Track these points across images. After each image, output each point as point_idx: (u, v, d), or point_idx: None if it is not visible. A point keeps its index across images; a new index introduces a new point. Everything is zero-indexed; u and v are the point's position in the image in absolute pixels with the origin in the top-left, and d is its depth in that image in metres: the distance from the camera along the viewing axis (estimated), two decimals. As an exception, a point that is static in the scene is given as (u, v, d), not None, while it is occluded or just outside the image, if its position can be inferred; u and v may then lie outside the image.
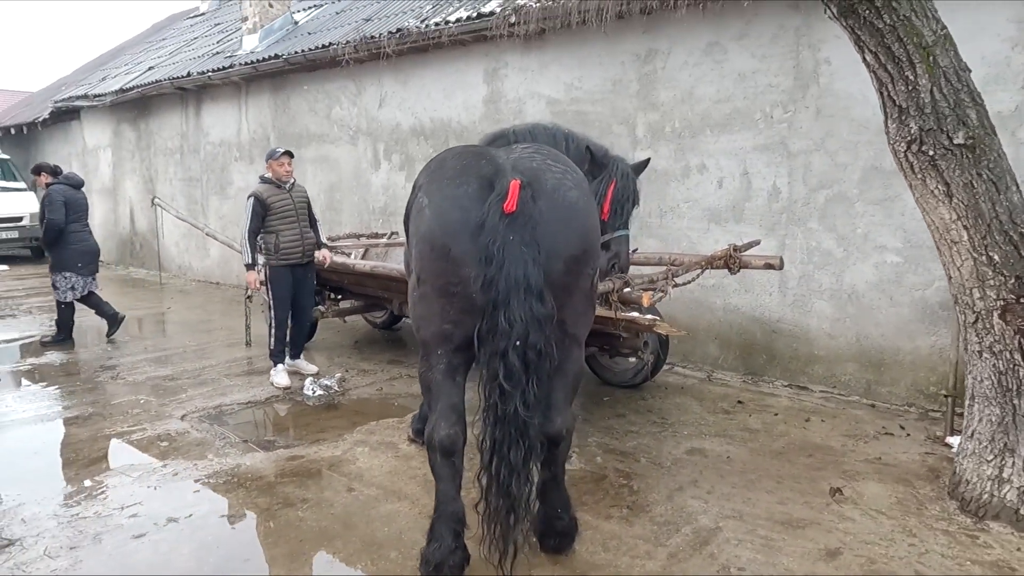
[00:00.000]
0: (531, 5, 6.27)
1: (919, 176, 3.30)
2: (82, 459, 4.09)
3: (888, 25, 3.25)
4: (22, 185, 14.31)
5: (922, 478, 3.82)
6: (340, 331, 7.59)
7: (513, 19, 6.34)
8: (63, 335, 6.99)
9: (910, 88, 3.24)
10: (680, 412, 4.92)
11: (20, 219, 13.65)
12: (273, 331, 5.57)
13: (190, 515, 3.39)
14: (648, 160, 4.39)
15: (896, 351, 5.03)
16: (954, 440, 4.26)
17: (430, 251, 2.56)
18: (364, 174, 8.61)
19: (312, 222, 5.68)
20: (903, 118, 3.29)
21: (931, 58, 3.18)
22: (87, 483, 3.75)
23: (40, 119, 14.40)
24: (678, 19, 5.71)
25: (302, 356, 5.91)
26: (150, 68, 12.42)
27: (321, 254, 5.65)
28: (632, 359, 5.23)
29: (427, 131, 7.82)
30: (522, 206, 2.44)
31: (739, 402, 5.14)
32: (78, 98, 13.16)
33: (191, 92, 10.97)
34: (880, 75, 3.37)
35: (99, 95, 12.50)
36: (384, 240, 7.08)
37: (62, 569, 2.91)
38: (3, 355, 6.57)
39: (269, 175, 5.47)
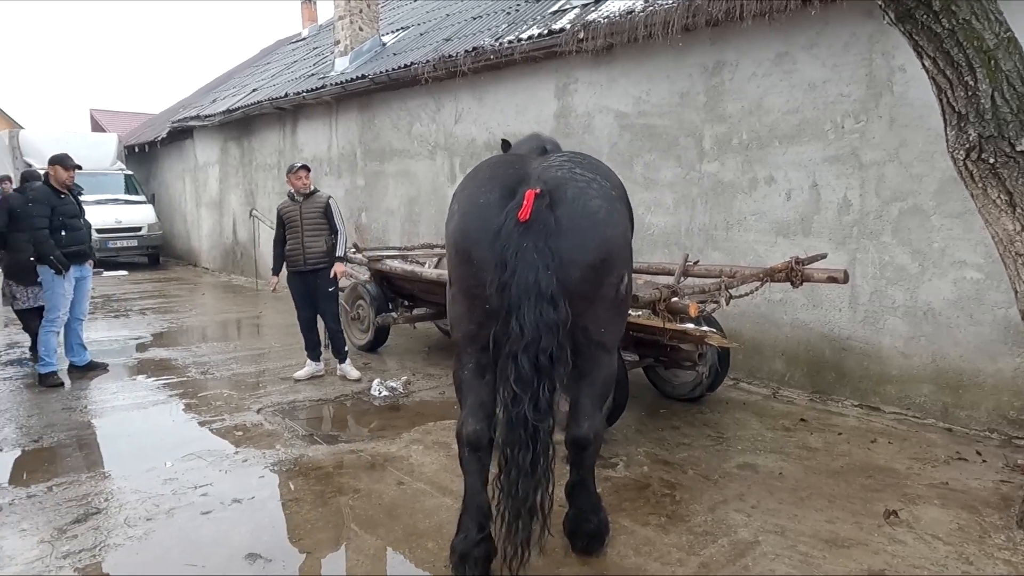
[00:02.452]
0: (599, 21, 6.37)
1: (980, 185, 3.16)
2: (166, 443, 4.49)
3: (947, 29, 3.14)
4: (142, 198, 15.71)
5: (991, 506, 3.60)
6: (413, 337, 7.89)
7: (582, 35, 6.46)
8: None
9: (969, 94, 3.11)
10: (738, 427, 4.83)
11: (139, 229, 15.00)
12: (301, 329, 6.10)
13: (252, 497, 3.67)
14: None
15: (976, 373, 4.74)
16: (1034, 469, 3.99)
17: (456, 256, 2.71)
18: (441, 188, 8.93)
19: (334, 232, 5.88)
20: (962, 125, 3.16)
21: (992, 62, 3.05)
22: (168, 464, 4.12)
23: (159, 138, 15.77)
24: (745, 30, 5.66)
25: (348, 362, 6.09)
26: (254, 90, 13.38)
27: (334, 269, 5.86)
28: (691, 372, 5.18)
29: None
30: (536, 215, 2.53)
31: (802, 420, 4.98)
32: (191, 119, 14.34)
33: (288, 111, 11.74)
34: (939, 81, 3.25)
35: (209, 115, 13.57)
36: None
37: (137, 537, 3.23)
38: (113, 350, 7.25)
39: (289, 187, 5.90)
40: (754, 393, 5.68)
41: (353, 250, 7.28)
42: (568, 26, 6.75)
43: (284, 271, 6.08)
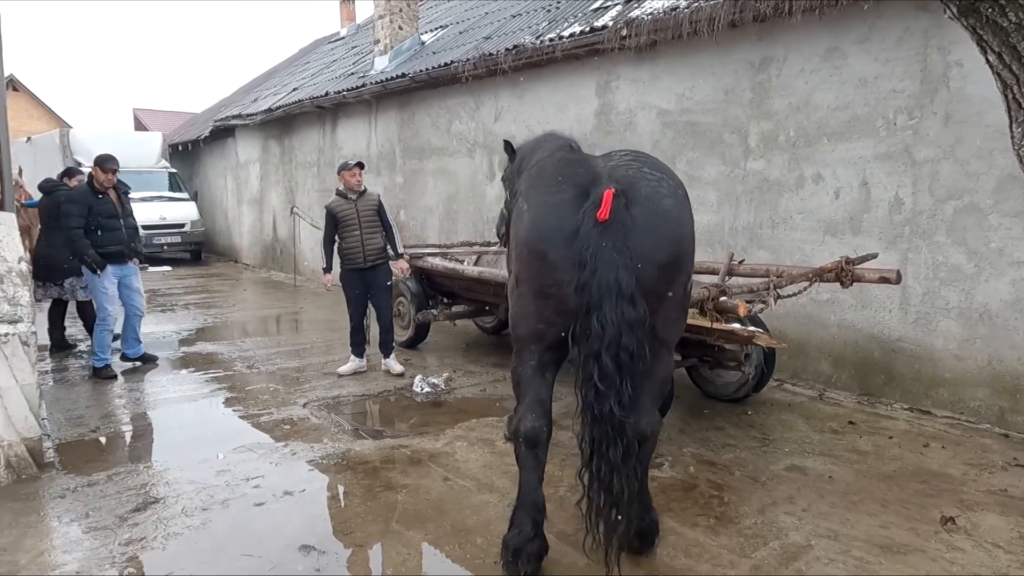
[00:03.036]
0: (643, 18, 6.33)
1: (1048, 184, 3.05)
2: (217, 435, 4.60)
3: (1013, 24, 3.02)
4: (185, 196, 16.08)
5: (1054, 515, 3.49)
6: (452, 334, 7.94)
7: (625, 32, 6.42)
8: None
9: (1038, 89, 3.01)
10: (784, 429, 4.76)
11: (183, 225, 15.36)
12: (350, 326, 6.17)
13: (303, 490, 3.74)
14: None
15: (1035, 377, 4.60)
16: (1099, 477, 3.85)
17: (528, 254, 2.71)
18: (479, 185, 8.97)
19: (386, 229, 6.02)
20: (1029, 122, 3.06)
21: (1062, 57, 2.94)
22: (220, 455, 4.22)
23: (202, 137, 16.12)
24: (794, 25, 5.56)
25: (392, 356, 6.22)
26: (295, 89, 13.59)
27: (397, 266, 6.05)
28: (736, 372, 5.12)
29: (540, 143, 8.02)
30: (615, 214, 2.53)
31: (850, 423, 4.89)
32: (233, 117, 14.62)
33: (328, 110, 11.90)
34: (1004, 76, 3.13)
35: (250, 114, 13.83)
36: (495, 248, 7.34)
37: (194, 527, 3.32)
38: (162, 344, 7.44)
39: (341, 187, 5.93)
40: (799, 395, 5.59)
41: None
42: (610, 23, 6.72)
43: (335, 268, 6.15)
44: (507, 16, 9.49)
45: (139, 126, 31.01)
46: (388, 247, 6.10)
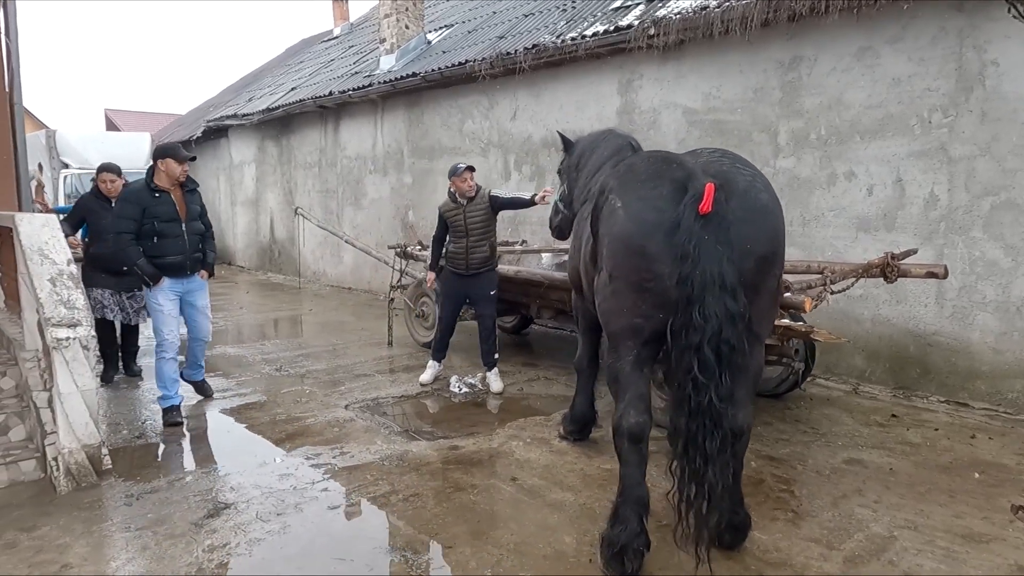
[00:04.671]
0: (671, 17, 6.36)
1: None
2: (268, 438, 4.53)
3: (1086, 22, 3.13)
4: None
5: (1116, 501, 3.58)
6: (473, 334, 7.89)
7: (652, 31, 6.46)
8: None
9: (1112, 87, 3.09)
10: (830, 423, 4.82)
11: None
12: (438, 330, 5.98)
13: (373, 493, 3.69)
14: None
15: (1074, 368, 4.71)
16: None
17: (625, 249, 2.71)
18: (495, 184, 8.93)
19: (513, 206, 5.76)
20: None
21: None
22: (277, 460, 4.15)
23: (194, 137, 15.85)
24: (826, 24, 5.63)
25: (495, 370, 5.71)
26: (293, 89, 13.43)
27: (541, 194, 5.58)
28: (779, 367, 5.17)
29: (559, 143, 8.02)
30: (716, 207, 2.55)
31: (893, 416, 4.97)
32: (228, 117, 14.40)
33: (330, 110, 11.78)
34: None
35: (247, 114, 13.63)
36: (519, 247, 7.34)
37: (275, 532, 3.26)
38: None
39: (453, 189, 5.67)
40: (834, 389, 5.67)
41: (418, 247, 7.33)
42: (636, 23, 6.75)
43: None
44: (518, 15, 9.48)
45: (111, 126, 30.35)
46: (494, 254, 5.79)
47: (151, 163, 4.81)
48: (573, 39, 7.28)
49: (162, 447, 4.44)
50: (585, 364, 4.38)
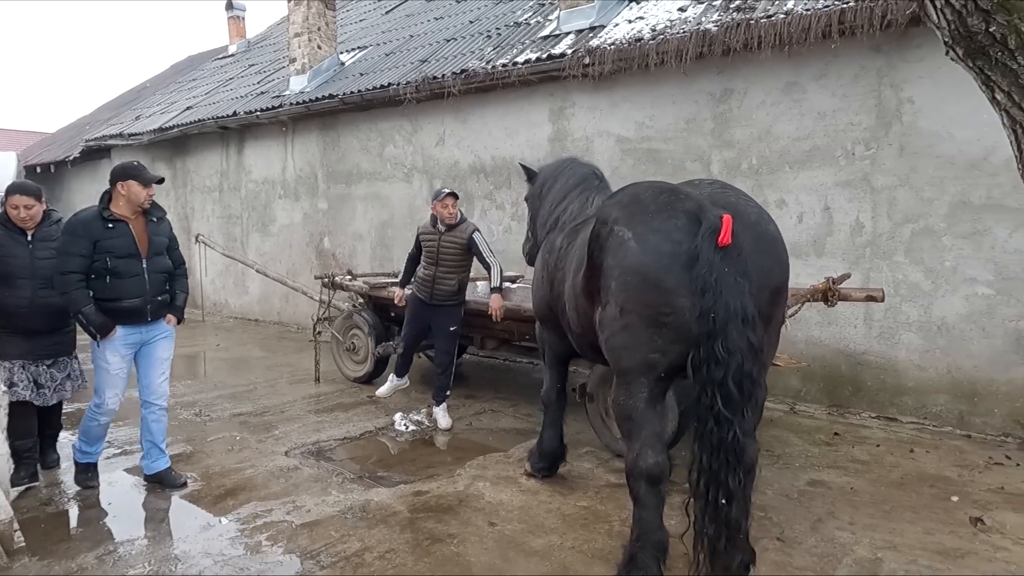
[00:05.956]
0: (605, 47, 6.45)
1: (1060, 209, 3.41)
2: (206, 496, 4.04)
3: (1022, 66, 3.40)
4: (49, 223, 14.27)
5: (1054, 507, 3.86)
6: (417, 369, 7.56)
7: (587, 60, 6.52)
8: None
9: (1048, 126, 3.37)
10: (782, 444, 4.94)
11: (48, 257, 13.60)
12: (399, 351, 5.82)
13: (343, 553, 3.34)
14: None
15: (990, 382, 5.10)
16: (1069, 469, 4.31)
17: (640, 282, 2.62)
18: (418, 211, 8.69)
19: (483, 264, 5.33)
20: (1041, 154, 3.41)
21: (1069, 97, 3.31)
22: (223, 521, 3.70)
23: (70, 157, 14.46)
24: (753, 60, 5.90)
25: (443, 406, 5.46)
26: (188, 108, 12.56)
27: (491, 303, 5.28)
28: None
29: (488, 168, 7.95)
30: (734, 239, 2.52)
31: (835, 434, 5.18)
32: (112, 137, 13.25)
33: (233, 131, 11.10)
34: (1013, 114, 3.47)
35: (135, 134, 12.60)
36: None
37: (241, 607, 2.87)
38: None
39: (434, 214, 5.38)
40: (774, 409, 5.84)
41: (348, 277, 6.95)
42: (569, 52, 6.80)
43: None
44: (440, 40, 9.35)
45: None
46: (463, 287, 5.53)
47: (108, 187, 3.98)
48: (505, 65, 7.23)
49: (78, 514, 3.85)
50: (553, 398, 4.25)
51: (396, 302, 5.89)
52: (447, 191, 5.28)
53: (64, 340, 4.23)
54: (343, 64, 10.55)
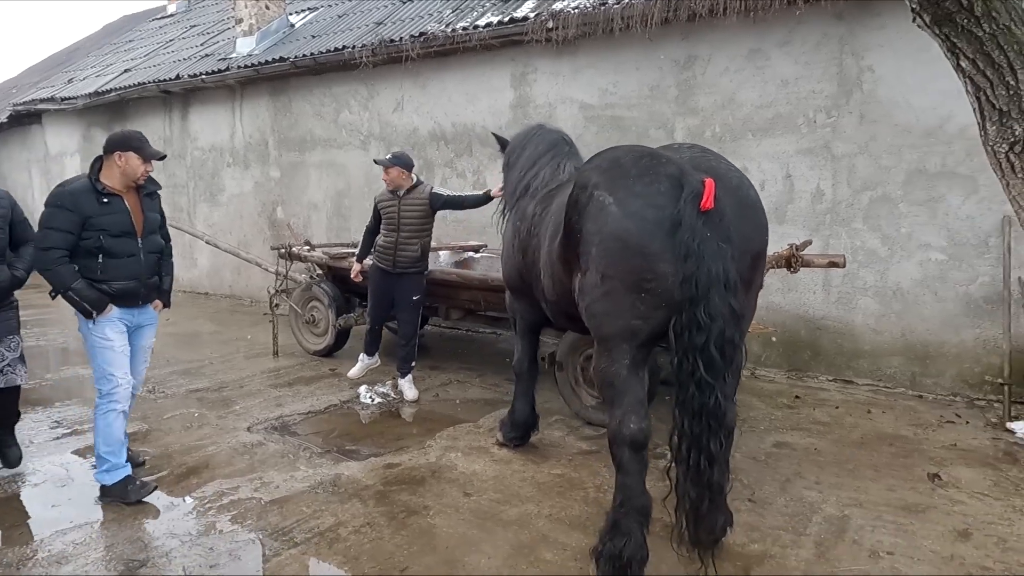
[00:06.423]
0: (570, 11, 6.33)
1: (1020, 175, 3.48)
2: (169, 475, 3.89)
3: (987, 33, 3.41)
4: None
5: (1003, 462, 4.04)
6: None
7: (551, 24, 6.39)
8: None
9: (1011, 93, 3.41)
10: (746, 408, 5.04)
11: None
12: (367, 326, 5.67)
13: (317, 528, 3.26)
14: None
15: (941, 344, 5.29)
16: (1015, 426, 4.53)
17: (622, 248, 2.57)
18: (376, 180, 8.44)
19: (454, 205, 5.30)
20: (1004, 121, 3.47)
21: (1031, 64, 3.38)
22: (188, 500, 3.57)
23: (-3, 123, 13.60)
24: (718, 26, 5.88)
25: (408, 377, 5.41)
26: (126, 71, 11.89)
27: (498, 189, 4.95)
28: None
29: (448, 136, 7.77)
30: (716, 203, 2.49)
31: (796, 397, 5.31)
32: (43, 101, 12.49)
33: (176, 95, 10.57)
34: (977, 80, 3.54)
35: (69, 98, 11.89)
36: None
37: (214, 588, 2.77)
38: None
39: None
40: (736, 374, 5.95)
41: (307, 247, 6.74)
42: (531, 15, 6.65)
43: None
44: (396, 2, 9.03)
45: None
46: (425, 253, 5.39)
47: (100, 156, 3.62)
48: (465, 28, 7.04)
49: (31, 501, 3.65)
50: (525, 367, 4.22)
51: (352, 277, 5.72)
52: (388, 157, 5.23)
53: (11, 316, 3.93)
54: (293, 26, 10.12)
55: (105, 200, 3.50)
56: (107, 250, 3.49)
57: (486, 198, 5.23)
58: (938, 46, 3.73)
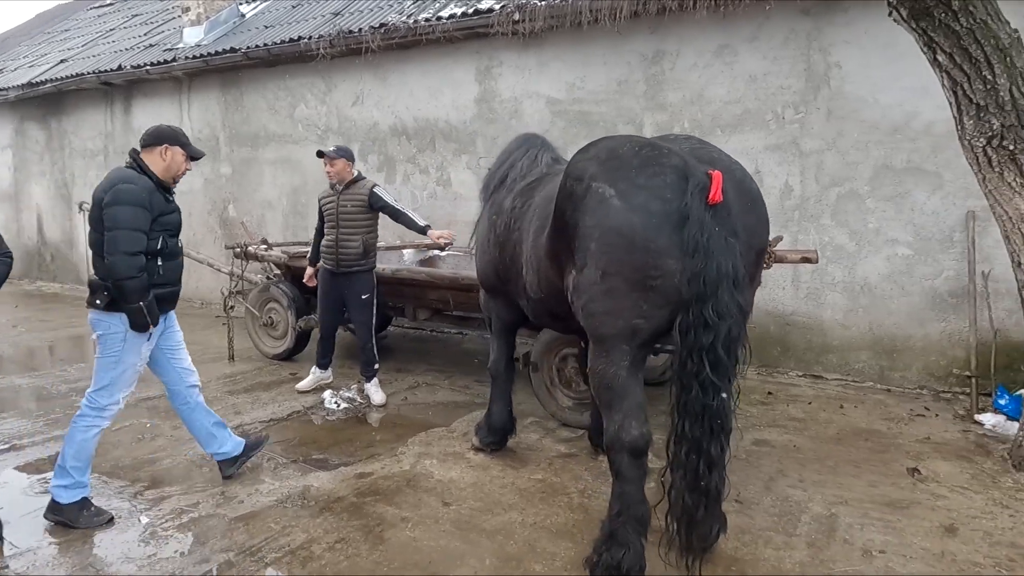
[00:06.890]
0: (536, 3, 6.20)
1: (996, 169, 3.52)
2: (119, 493, 3.60)
3: (965, 28, 3.44)
4: None
5: (976, 454, 4.08)
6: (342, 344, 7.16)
7: (517, 17, 6.24)
8: None
9: (988, 87, 3.44)
10: (721, 406, 4.99)
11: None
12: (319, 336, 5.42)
13: (288, 546, 3.05)
14: None
15: (908, 338, 5.35)
16: (983, 418, 4.59)
17: (626, 243, 2.43)
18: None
19: (394, 217, 5.04)
20: (981, 115, 3.50)
21: (1008, 59, 3.39)
22: (142, 520, 3.30)
23: (-81, 116, 12.68)
24: (687, 21, 5.83)
25: (374, 381, 5.20)
26: (63, 61, 11.25)
27: (438, 235, 5.02)
28: (664, 354, 5.24)
29: (410, 131, 7.55)
30: (724, 197, 2.39)
31: (769, 393, 5.30)
32: (-31, 93, 11.70)
33: (119, 88, 10.03)
34: (954, 75, 3.56)
35: (-1, 89, 11.19)
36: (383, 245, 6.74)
37: (178, 618, 2.53)
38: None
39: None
40: (707, 372, 5.92)
41: (264, 247, 6.44)
42: (497, 6, 6.49)
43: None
44: (353, -8, 8.75)
45: None
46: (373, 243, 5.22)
47: (134, 150, 3.29)
48: (428, 20, 6.83)
49: (-36, 522, 3.32)
50: (502, 369, 4.05)
51: (305, 281, 5.49)
52: (332, 149, 5.09)
53: None
54: (243, 16, 9.71)
55: (170, 198, 3.31)
56: (166, 252, 3.26)
57: (423, 231, 5.05)
58: (906, 43, 3.72)
